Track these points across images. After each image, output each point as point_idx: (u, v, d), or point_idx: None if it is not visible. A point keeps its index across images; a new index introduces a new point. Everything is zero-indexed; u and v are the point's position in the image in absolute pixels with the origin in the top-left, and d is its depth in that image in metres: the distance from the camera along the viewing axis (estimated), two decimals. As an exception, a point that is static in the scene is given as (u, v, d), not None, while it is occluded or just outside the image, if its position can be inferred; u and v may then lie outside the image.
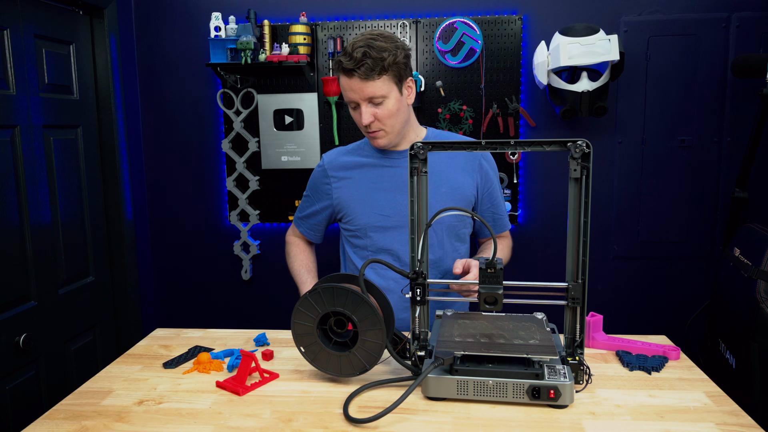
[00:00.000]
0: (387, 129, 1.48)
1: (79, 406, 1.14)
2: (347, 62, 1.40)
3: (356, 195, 1.58)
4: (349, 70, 1.40)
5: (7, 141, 1.92)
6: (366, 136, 1.53)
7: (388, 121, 1.46)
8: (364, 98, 1.43)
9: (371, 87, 1.41)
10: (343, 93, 1.48)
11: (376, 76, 1.40)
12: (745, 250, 1.99)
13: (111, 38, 2.42)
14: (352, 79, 1.41)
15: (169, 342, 1.47)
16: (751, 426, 1.01)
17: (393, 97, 1.45)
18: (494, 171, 1.63)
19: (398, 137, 1.53)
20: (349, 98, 1.46)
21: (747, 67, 2.23)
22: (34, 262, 2.01)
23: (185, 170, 2.75)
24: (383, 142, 1.51)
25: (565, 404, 1.07)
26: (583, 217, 1.12)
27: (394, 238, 1.55)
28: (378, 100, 1.43)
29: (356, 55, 1.38)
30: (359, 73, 1.39)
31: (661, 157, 2.55)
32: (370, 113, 1.44)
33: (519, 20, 2.49)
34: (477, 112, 2.55)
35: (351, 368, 1.18)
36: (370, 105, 1.44)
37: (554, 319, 1.30)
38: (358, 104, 1.45)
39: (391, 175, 1.55)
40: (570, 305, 1.15)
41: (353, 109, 1.49)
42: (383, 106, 1.44)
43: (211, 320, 2.82)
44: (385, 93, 1.42)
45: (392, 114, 1.46)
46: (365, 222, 1.56)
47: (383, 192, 1.55)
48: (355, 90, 1.42)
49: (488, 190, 1.62)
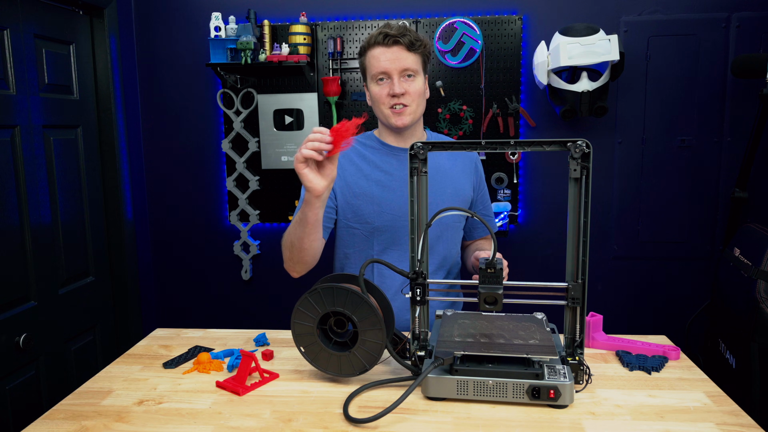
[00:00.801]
0: (413, 106, 1.49)
1: (79, 406, 1.14)
2: (391, 31, 1.45)
3: (363, 189, 1.53)
4: (393, 37, 1.44)
5: (7, 141, 1.92)
6: (388, 113, 1.50)
7: (416, 98, 1.49)
8: (401, 68, 1.46)
9: (410, 58, 1.46)
10: (372, 66, 1.49)
11: (415, 50, 1.46)
12: (745, 250, 1.99)
13: (111, 38, 2.42)
14: (392, 48, 1.45)
15: (169, 342, 1.47)
16: (751, 426, 1.01)
17: (421, 78, 1.50)
18: (483, 173, 1.70)
19: (416, 122, 1.54)
20: (384, 69, 1.46)
21: (747, 67, 2.23)
22: (34, 262, 2.01)
23: (185, 170, 2.75)
24: (407, 119, 1.50)
25: (565, 404, 1.07)
26: (583, 217, 1.12)
27: (402, 239, 1.53)
28: (411, 73, 1.47)
29: (399, 28, 1.45)
30: (404, 42, 1.44)
31: (661, 157, 2.55)
32: (403, 85, 1.46)
33: (519, 20, 2.49)
34: (477, 112, 2.55)
35: (351, 368, 1.18)
36: (403, 78, 1.47)
37: (554, 319, 1.30)
38: (389, 76, 1.46)
39: (398, 173, 1.54)
40: (570, 305, 1.15)
41: (379, 82, 1.49)
42: (414, 83, 1.48)
43: (211, 320, 2.82)
44: (418, 69, 1.48)
45: (420, 93, 1.50)
46: (372, 221, 1.53)
47: (390, 191, 1.53)
48: (393, 59, 1.45)
49: (481, 192, 1.67)
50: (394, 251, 1.53)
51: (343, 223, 1.58)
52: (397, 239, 1.53)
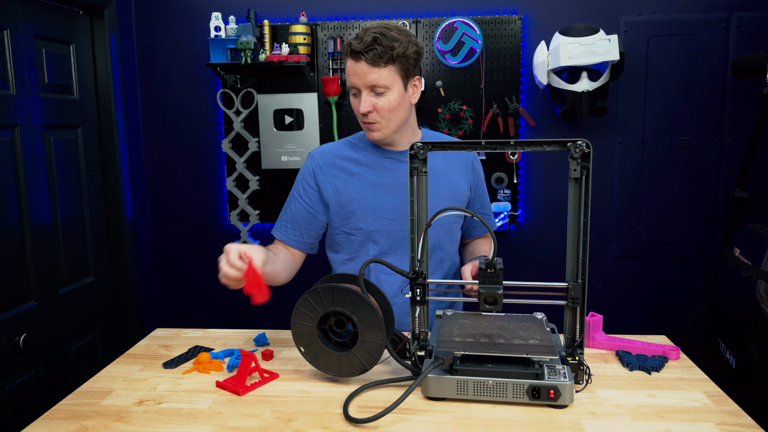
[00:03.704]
0: (383, 122, 1.43)
1: (79, 406, 1.14)
2: (357, 44, 1.37)
3: (356, 194, 1.51)
4: (357, 52, 1.37)
5: (7, 141, 1.92)
6: (363, 126, 1.48)
7: (386, 114, 1.42)
8: (367, 85, 1.39)
9: (375, 74, 1.37)
10: (346, 78, 1.44)
11: (383, 64, 1.37)
12: (745, 250, 1.99)
13: (111, 38, 2.42)
14: (358, 63, 1.38)
15: (169, 342, 1.47)
16: (751, 426, 1.01)
17: (396, 90, 1.41)
18: (482, 172, 1.67)
19: (394, 134, 1.48)
20: (352, 83, 1.41)
21: (747, 67, 2.23)
22: (34, 262, 2.01)
23: (185, 170, 2.75)
24: (377, 135, 1.46)
25: (565, 404, 1.07)
26: (583, 217, 1.12)
27: (398, 243, 1.51)
28: (380, 89, 1.39)
29: (367, 39, 1.35)
30: (366, 58, 1.36)
31: (661, 157, 2.55)
32: (370, 102, 1.40)
33: (519, 20, 2.49)
34: (477, 112, 2.55)
35: (351, 368, 1.18)
36: (372, 94, 1.40)
37: (554, 319, 1.30)
38: (359, 91, 1.41)
39: (392, 176, 1.51)
40: (570, 305, 1.15)
41: (353, 96, 1.44)
42: (384, 98, 1.40)
43: (211, 320, 2.81)
44: (388, 84, 1.39)
45: (392, 108, 1.41)
46: (367, 226, 1.50)
47: (384, 195, 1.50)
48: (359, 75, 1.38)
49: (479, 191, 1.64)
50: (391, 256, 1.50)
51: (338, 230, 1.54)
52: (392, 243, 1.50)
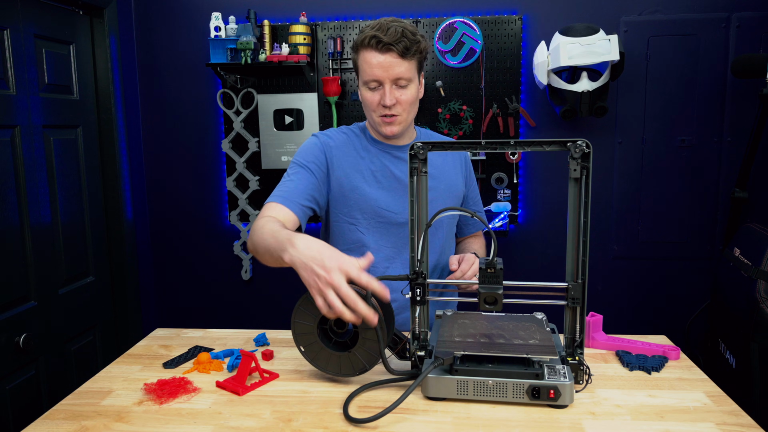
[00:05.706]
0: (404, 115, 1.41)
1: (79, 406, 1.14)
2: (384, 36, 1.33)
3: (361, 182, 1.47)
4: (386, 44, 1.33)
5: (7, 141, 1.92)
6: (378, 121, 1.43)
7: (407, 107, 1.41)
8: (392, 77, 1.36)
9: (403, 66, 1.35)
10: (364, 71, 1.38)
11: (410, 57, 1.36)
12: (745, 250, 1.99)
13: (111, 38, 2.42)
14: (385, 55, 1.34)
15: (169, 342, 1.47)
16: (751, 426, 1.01)
17: (415, 84, 1.41)
18: (471, 165, 1.68)
19: (407, 128, 1.48)
20: (375, 76, 1.36)
21: (747, 67, 2.23)
22: (34, 262, 2.01)
23: (185, 170, 2.75)
24: (397, 129, 1.43)
25: (565, 404, 1.07)
26: (583, 217, 1.12)
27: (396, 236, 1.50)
28: (403, 82, 1.37)
29: (393, 31, 1.33)
30: (397, 49, 1.33)
31: (661, 157, 2.55)
32: (395, 95, 1.38)
33: (519, 20, 2.49)
34: (477, 112, 2.55)
35: (351, 368, 1.18)
36: (395, 87, 1.38)
37: (554, 319, 1.30)
38: (381, 84, 1.37)
39: (391, 170, 1.49)
40: (570, 305, 1.15)
41: (372, 90, 1.40)
42: (407, 91, 1.39)
43: (211, 320, 2.82)
44: (411, 77, 1.38)
45: (412, 101, 1.41)
46: (365, 216, 1.48)
47: (384, 190, 1.49)
48: (385, 67, 1.35)
49: (471, 188, 1.65)
50: (389, 249, 1.49)
51: (338, 217, 1.49)
52: (390, 236, 1.48)
